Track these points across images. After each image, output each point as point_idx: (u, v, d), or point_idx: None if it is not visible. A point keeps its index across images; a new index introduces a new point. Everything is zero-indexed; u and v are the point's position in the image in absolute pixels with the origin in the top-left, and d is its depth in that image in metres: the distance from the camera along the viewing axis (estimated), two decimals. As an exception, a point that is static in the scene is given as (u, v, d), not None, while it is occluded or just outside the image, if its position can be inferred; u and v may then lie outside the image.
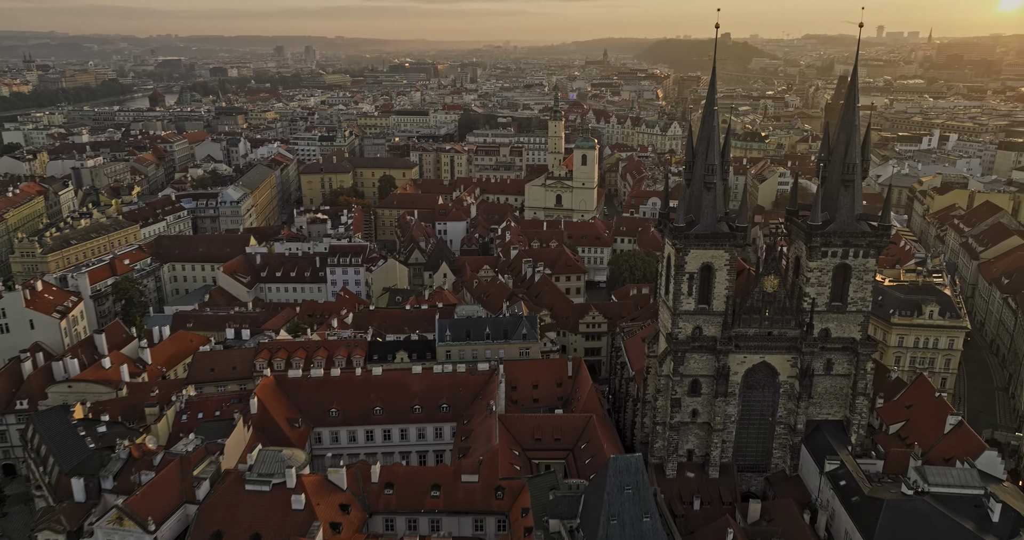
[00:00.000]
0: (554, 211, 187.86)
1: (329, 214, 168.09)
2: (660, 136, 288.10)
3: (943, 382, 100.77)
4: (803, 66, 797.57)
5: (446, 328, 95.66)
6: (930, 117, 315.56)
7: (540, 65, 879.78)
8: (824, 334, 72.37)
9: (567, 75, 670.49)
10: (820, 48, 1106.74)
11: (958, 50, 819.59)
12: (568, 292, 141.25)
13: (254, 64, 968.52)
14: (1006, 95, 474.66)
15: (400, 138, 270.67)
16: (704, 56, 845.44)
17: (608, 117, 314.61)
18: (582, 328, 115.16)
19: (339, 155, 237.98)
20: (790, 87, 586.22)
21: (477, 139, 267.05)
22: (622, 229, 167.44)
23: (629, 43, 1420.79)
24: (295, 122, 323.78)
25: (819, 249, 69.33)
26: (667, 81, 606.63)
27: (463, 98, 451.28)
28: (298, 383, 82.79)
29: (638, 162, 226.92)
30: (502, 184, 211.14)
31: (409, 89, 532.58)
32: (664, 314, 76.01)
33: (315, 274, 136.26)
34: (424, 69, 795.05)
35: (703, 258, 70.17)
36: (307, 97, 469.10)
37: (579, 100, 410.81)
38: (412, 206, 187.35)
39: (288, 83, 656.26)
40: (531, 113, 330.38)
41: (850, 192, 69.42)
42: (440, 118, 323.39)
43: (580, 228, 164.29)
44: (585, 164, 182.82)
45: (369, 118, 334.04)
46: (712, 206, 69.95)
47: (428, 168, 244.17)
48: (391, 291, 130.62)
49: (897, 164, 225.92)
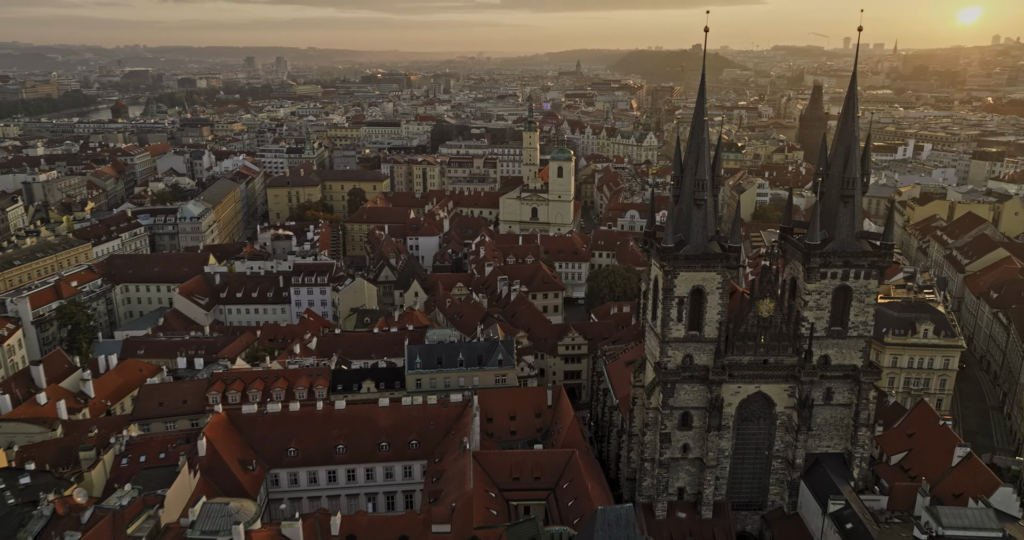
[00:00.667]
0: (530, 225, 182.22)
1: (295, 230, 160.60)
2: (636, 147, 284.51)
3: (938, 404, 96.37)
4: (773, 77, 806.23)
5: (416, 355, 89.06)
6: (903, 127, 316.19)
7: (513, 76, 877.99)
8: (823, 361, 67.13)
9: (540, 86, 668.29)
10: (789, 59, 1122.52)
11: (922, 61, 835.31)
12: (545, 310, 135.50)
13: (224, 75, 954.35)
14: (972, 105, 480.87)
15: (371, 150, 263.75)
16: (676, 67, 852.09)
17: (583, 128, 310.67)
18: (561, 350, 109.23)
19: (307, 168, 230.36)
20: (762, 97, 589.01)
21: (450, 151, 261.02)
22: (600, 243, 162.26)
23: (601, 54, 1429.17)
24: (263, 134, 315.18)
25: (817, 270, 64.18)
26: (640, 91, 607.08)
27: (436, 109, 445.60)
28: (253, 420, 75.61)
29: (615, 173, 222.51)
30: (476, 197, 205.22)
31: (381, 100, 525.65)
32: (651, 341, 70.26)
33: (278, 295, 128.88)
34: (397, 80, 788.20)
35: (693, 281, 64.63)
36: (277, 108, 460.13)
37: (553, 110, 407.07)
38: (382, 220, 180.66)
39: (258, 94, 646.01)
40: (505, 124, 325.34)
41: (850, 209, 64.44)
42: (412, 129, 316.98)
43: (557, 243, 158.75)
44: (561, 176, 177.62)
45: (339, 129, 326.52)
46: (703, 225, 64.50)
47: (400, 181, 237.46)
48: (359, 312, 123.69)
49: (875, 174, 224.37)
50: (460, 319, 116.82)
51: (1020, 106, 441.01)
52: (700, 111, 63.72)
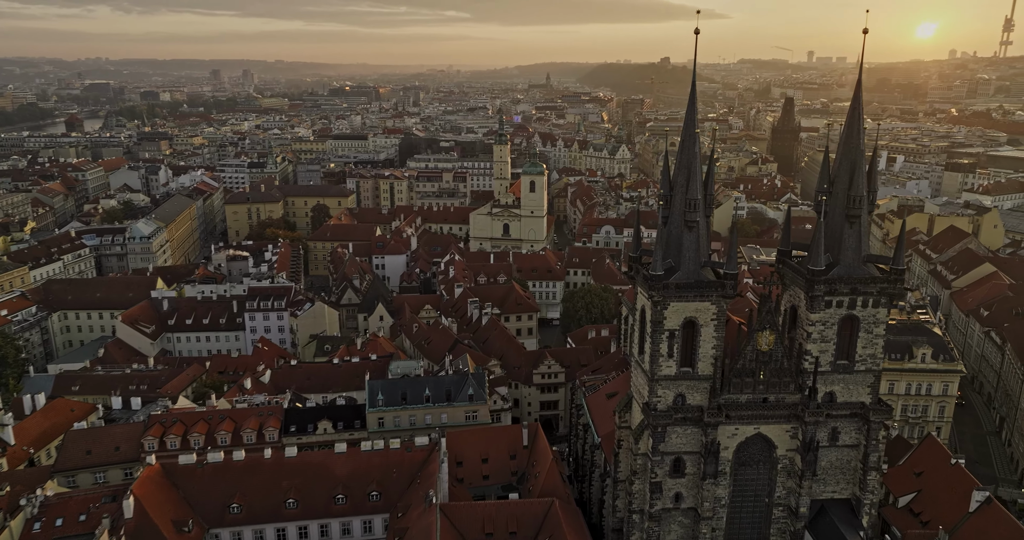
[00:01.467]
0: (501, 241, 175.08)
1: (252, 250, 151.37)
2: (609, 160, 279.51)
3: (937, 431, 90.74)
4: (741, 89, 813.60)
5: (378, 391, 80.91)
6: (873, 138, 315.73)
7: (483, 89, 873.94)
8: (828, 398, 60.59)
9: (511, 98, 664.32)
10: (755, 72, 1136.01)
11: (884, 74, 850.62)
12: (519, 333, 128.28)
13: (188, 88, 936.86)
14: (937, 117, 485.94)
15: (336, 164, 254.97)
16: (645, 79, 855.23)
17: (555, 140, 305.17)
18: (537, 379, 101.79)
19: (268, 183, 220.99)
20: (731, 110, 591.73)
21: (418, 164, 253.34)
22: (575, 260, 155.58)
23: (571, 67, 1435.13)
24: (224, 148, 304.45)
25: (822, 298, 57.71)
26: (611, 104, 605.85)
27: (405, 122, 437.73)
28: (191, 472, 66.81)
29: (588, 187, 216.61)
30: (445, 212, 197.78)
31: (349, 113, 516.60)
32: (638, 378, 63.13)
33: (232, 321, 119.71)
34: (365, 93, 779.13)
35: (686, 312, 57.74)
36: (240, 121, 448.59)
37: (524, 123, 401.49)
38: (347, 238, 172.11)
39: (223, 107, 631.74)
40: (475, 137, 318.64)
41: (856, 230, 58.18)
42: (380, 142, 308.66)
43: (530, 260, 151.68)
44: (534, 191, 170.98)
45: (304, 143, 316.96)
46: (695, 249, 57.72)
47: (366, 196, 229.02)
48: (319, 339, 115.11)
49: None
50: (428, 346, 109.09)
51: (983, 118, 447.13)
52: (691, 122, 57.08)
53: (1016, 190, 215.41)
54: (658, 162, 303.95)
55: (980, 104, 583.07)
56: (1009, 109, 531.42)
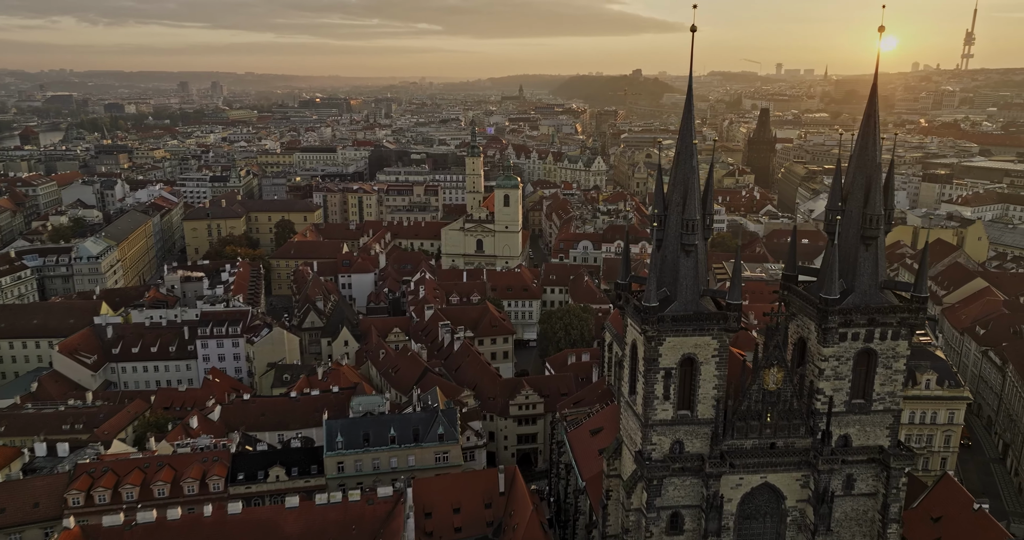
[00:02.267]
0: (475, 258, 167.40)
1: (208, 270, 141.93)
2: (584, 172, 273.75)
3: (943, 462, 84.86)
4: (712, 101, 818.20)
5: (337, 432, 72.61)
6: (848, 149, 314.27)
7: (456, 100, 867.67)
8: (843, 442, 53.81)
9: (484, 110, 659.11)
10: (725, 84, 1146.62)
11: (851, 86, 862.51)
12: (494, 357, 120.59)
13: (155, 100, 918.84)
14: (906, 128, 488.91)
15: (302, 177, 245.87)
16: (618, 91, 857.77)
17: (528, 152, 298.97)
18: (514, 410, 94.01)
19: (231, 197, 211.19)
20: (704, 121, 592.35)
21: (388, 177, 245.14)
22: (552, 278, 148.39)
23: (543, 79, 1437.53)
24: (186, 161, 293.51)
25: (836, 331, 50.99)
26: (584, 115, 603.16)
27: (376, 134, 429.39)
28: (117, 535, 58.06)
29: (563, 201, 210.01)
30: (416, 228, 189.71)
31: (320, 125, 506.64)
32: (629, 421, 55.83)
33: (182, 349, 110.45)
34: (336, 104, 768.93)
35: (684, 349, 50.64)
36: (206, 134, 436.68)
37: (497, 135, 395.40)
38: (312, 256, 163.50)
39: (190, 119, 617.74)
40: (447, 149, 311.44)
41: (872, 253, 51.66)
42: (349, 155, 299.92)
43: (505, 278, 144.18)
44: (508, 205, 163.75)
45: (271, 155, 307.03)
46: (693, 276, 50.70)
47: (333, 210, 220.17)
48: (277, 367, 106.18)
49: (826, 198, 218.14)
50: (395, 374, 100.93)
51: (952, 128, 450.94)
52: (687, 133, 50.29)
53: (994, 201, 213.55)
54: (634, 174, 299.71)
55: (946, 115, 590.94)
56: (976, 120, 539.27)
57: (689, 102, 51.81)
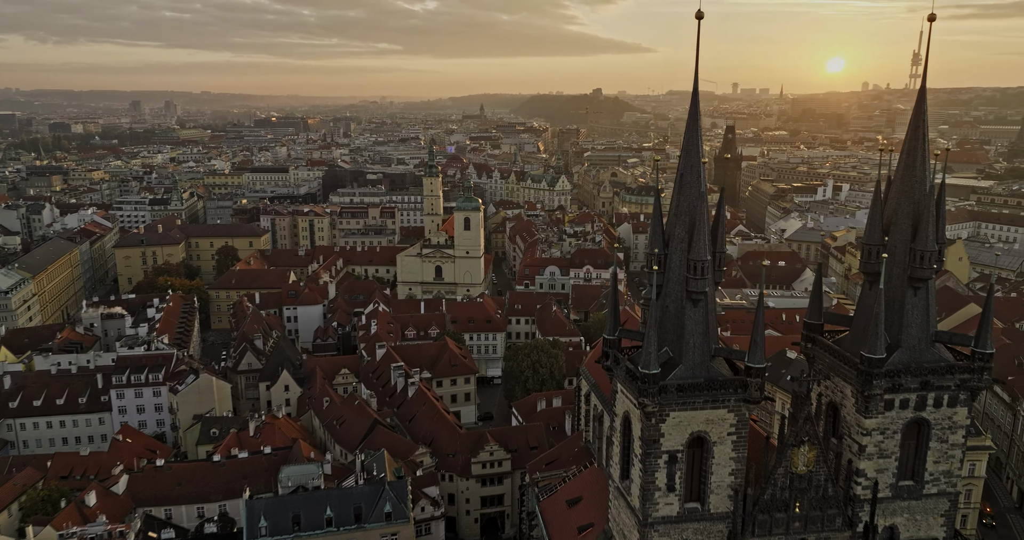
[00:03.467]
0: (433, 286, 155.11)
1: (134, 304, 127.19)
2: (548, 191, 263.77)
3: (963, 521, 74.90)
4: (672, 119, 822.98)
5: (260, 514, 59.52)
6: (815, 167, 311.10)
7: (417, 119, 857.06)
8: (888, 535, 42.88)
9: (444, 129, 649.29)
10: (684, 103, 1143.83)
11: (807, 104, 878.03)
12: (454, 399, 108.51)
13: (105, 120, 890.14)
14: (865, 145, 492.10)
15: (249, 199, 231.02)
16: (579, 109, 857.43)
17: (490, 171, 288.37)
18: (477, 469, 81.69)
19: (169, 222, 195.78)
20: (666, 139, 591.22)
21: (342, 199, 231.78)
22: (517, 307, 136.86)
23: (504, 98, 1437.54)
24: (127, 183, 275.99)
25: (881, 398, 40.24)
26: (546, 134, 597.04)
27: (332, 153, 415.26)
28: None
29: (527, 222, 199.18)
30: (370, 253, 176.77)
31: (274, 144, 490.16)
32: (622, 515, 44.16)
33: (95, 400, 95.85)
34: (293, 123, 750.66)
35: (692, 426, 39.38)
36: (153, 154, 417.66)
37: (458, 154, 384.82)
38: (255, 285, 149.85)
39: (139, 139, 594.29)
40: (406, 168, 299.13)
41: (923, 298, 41.24)
42: (302, 175, 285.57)
43: (466, 309, 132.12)
44: (468, 228, 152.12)
45: (218, 176, 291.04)
46: (702, 332, 39.59)
47: (282, 235, 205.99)
48: (205, 420, 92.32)
49: (799, 217, 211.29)
50: (340, 427, 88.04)
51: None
52: (694, 149, 39.39)
53: (965, 219, 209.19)
54: (599, 193, 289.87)
55: (900, 133, 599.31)
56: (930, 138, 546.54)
57: (695, 108, 41.00)
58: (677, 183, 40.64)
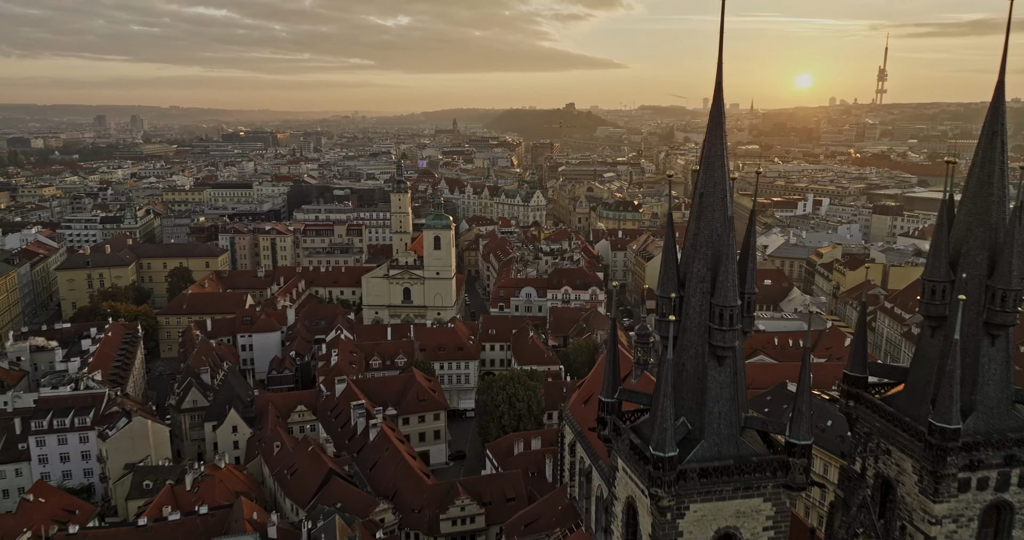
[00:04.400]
0: (401, 310, 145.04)
1: (69, 334, 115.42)
2: (522, 207, 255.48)
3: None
4: (645, 134, 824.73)
5: (181, 604, 49.05)
6: (792, 181, 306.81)
7: (389, 134, 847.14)
8: None
9: (416, 143, 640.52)
10: (656, 118, 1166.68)
11: (777, 119, 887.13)
12: (423, 438, 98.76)
13: (69, 134, 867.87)
14: (838, 159, 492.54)
15: (208, 217, 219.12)
16: (552, 124, 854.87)
17: (463, 186, 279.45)
18: (446, 527, 71.71)
19: (119, 242, 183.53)
20: (640, 153, 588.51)
21: (307, 216, 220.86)
22: (491, 333, 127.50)
23: (477, 113, 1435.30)
24: (79, 199, 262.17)
25: (953, 478, 31.51)
26: (519, 148, 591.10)
27: (301, 168, 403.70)
28: None
29: (501, 239, 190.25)
30: (335, 274, 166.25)
31: (241, 159, 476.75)
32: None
33: (12, 448, 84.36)
34: (262, 138, 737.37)
35: (719, 520, 30.25)
36: (113, 169, 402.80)
37: (429, 169, 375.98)
38: (208, 311, 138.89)
39: (102, 154, 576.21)
40: (376, 184, 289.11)
41: (1002, 350, 32.65)
42: (266, 191, 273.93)
43: (436, 336, 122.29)
44: (439, 248, 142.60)
45: (178, 193, 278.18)
46: (730, 398, 30.59)
47: (242, 254, 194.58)
48: (137, 470, 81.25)
49: (781, 232, 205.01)
50: (292, 477, 77.77)
51: (883, 159, 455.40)
52: (718, 160, 30.73)
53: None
54: (575, 208, 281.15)
55: (870, 146, 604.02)
56: (900, 151, 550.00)
57: (718, 106, 32.32)
58: (696, 206, 31.82)
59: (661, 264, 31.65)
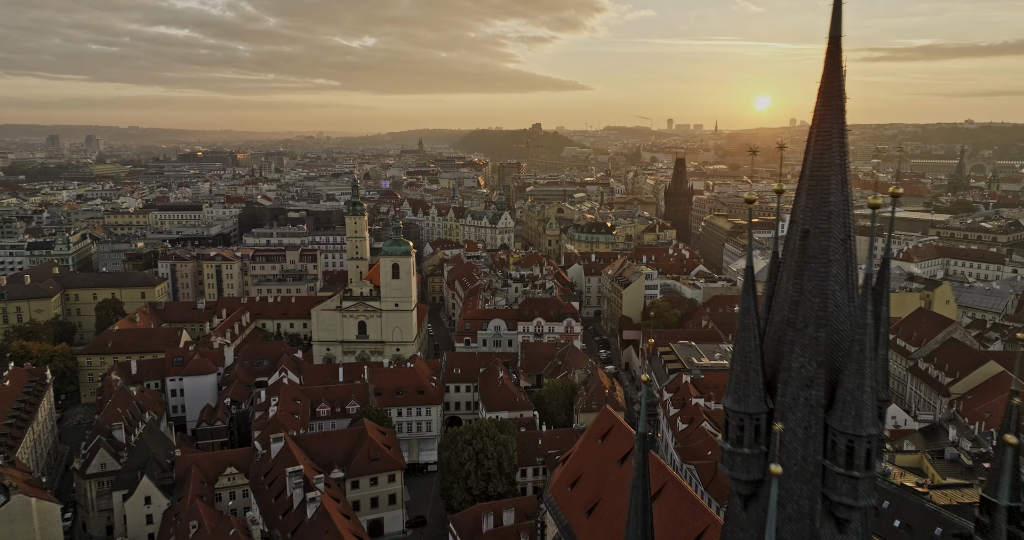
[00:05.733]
0: (356, 345, 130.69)
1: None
2: (490, 229, 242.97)
3: None
4: (612, 154, 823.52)
5: None
6: (766, 201, 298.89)
7: (353, 154, 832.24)
8: None
9: (381, 164, 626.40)
10: (622, 138, 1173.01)
11: (742, 139, 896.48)
12: (375, 504, 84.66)
13: (17, 155, 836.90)
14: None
15: (147, 242, 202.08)
16: (519, 144, 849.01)
17: (427, 208, 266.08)
18: (398, 636, 57.56)
19: (44, 271, 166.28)
20: (608, 173, 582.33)
21: (258, 240, 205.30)
22: (456, 371, 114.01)
23: (444, 134, 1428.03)
24: (10, 224, 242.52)
25: None
26: (486, 168, 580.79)
27: (259, 188, 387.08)
28: None
29: (468, 265, 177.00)
30: (284, 305, 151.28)
31: (196, 180, 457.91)
32: None
33: None
34: (221, 158, 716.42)
35: None
36: (58, 191, 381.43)
37: (393, 189, 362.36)
38: (137, 349, 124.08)
39: (51, 175, 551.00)
40: (334, 205, 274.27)
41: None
42: (216, 213, 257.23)
43: (393, 378, 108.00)
44: (397, 277, 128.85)
45: (121, 216, 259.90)
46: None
47: (184, 283, 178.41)
48: (17, 563, 65.66)
49: (762, 254, 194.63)
50: (208, 570, 62.74)
51: (853, 179, 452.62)
52: (838, 176, 18.32)
53: (933, 255, 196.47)
54: (545, 230, 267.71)
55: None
56: (866, 170, 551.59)
57: (835, 84, 19.67)
58: (793, 254, 19.19)
59: (735, 351, 18.66)
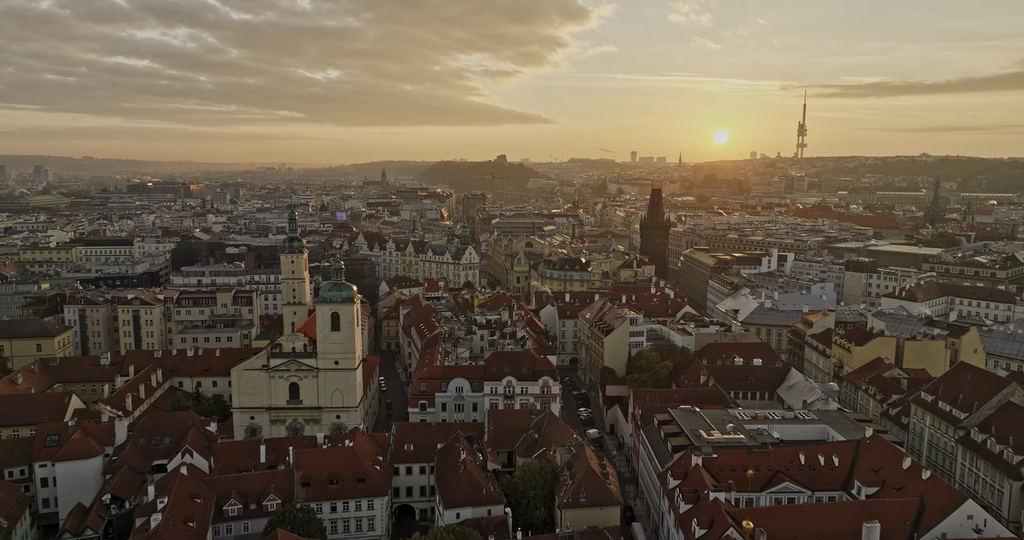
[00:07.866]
0: (287, 413, 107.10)
1: None
2: (453, 265, 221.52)
3: None
4: (578, 185, 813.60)
5: None
6: (746, 233, 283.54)
7: (315, 186, 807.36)
8: None
9: (341, 195, 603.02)
10: (587, 170, 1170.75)
11: (707, 171, 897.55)
12: None
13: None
14: (776, 210, 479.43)
15: (59, 283, 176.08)
16: (484, 175, 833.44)
17: (384, 242, 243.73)
18: None
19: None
20: (576, 204, 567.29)
21: (188, 280, 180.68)
22: (407, 449, 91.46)
23: (408, 165, 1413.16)
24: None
25: None
26: (450, 200, 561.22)
27: (206, 220, 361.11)
28: None
29: (427, 308, 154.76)
30: (207, 359, 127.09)
31: (142, 212, 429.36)
32: None
33: None
34: (173, 189, 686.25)
35: None
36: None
37: (350, 222, 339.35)
38: (11, 422, 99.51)
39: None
40: (281, 239, 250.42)
41: None
42: (149, 249, 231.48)
43: (327, 462, 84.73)
44: (338, 328, 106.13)
45: (40, 251, 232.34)
46: None
47: (95, 331, 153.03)
48: None
49: (752, 294, 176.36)
50: None
51: (824, 210, 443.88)
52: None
53: (936, 294, 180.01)
54: (513, 266, 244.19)
55: (801, 198, 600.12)
56: (839, 203, 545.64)
57: None
58: None
59: None
